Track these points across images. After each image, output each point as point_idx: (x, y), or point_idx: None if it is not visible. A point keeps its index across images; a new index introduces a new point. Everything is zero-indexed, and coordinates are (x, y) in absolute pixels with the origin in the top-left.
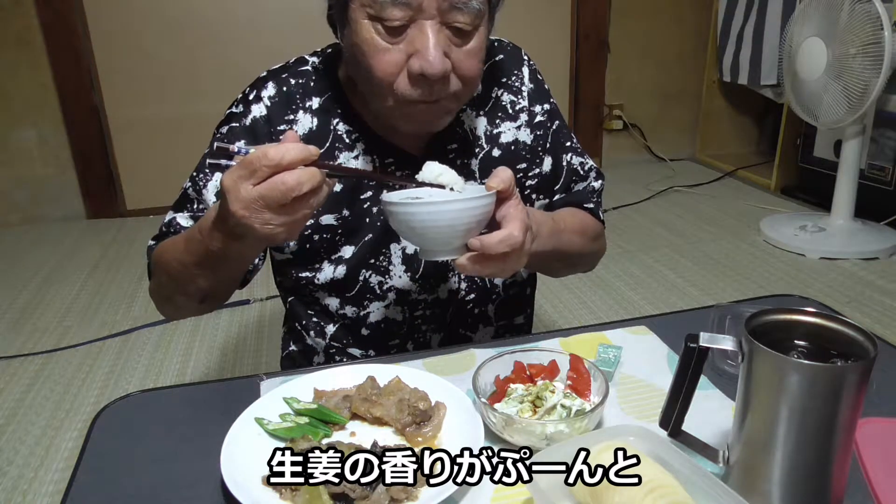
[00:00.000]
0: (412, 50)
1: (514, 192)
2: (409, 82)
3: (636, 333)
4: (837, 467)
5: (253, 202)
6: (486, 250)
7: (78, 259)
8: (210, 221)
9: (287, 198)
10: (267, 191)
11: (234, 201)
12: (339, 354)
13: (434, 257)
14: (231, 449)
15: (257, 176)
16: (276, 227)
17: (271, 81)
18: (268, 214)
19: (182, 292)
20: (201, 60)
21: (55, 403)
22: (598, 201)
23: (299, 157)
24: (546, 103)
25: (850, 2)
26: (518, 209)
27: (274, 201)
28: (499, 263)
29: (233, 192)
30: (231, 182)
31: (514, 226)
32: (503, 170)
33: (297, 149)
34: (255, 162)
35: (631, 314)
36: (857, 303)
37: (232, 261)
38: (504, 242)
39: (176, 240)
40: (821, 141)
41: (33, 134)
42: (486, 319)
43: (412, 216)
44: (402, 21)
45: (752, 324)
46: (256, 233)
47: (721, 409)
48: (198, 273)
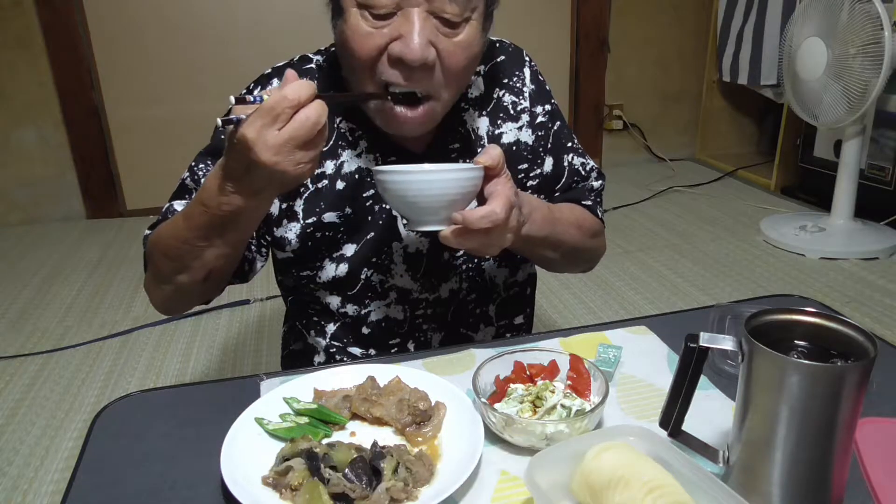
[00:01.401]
0: (396, 35)
1: (502, 170)
2: (389, 65)
3: (636, 333)
4: (837, 467)
5: (283, 145)
6: (468, 224)
7: (78, 259)
8: (216, 188)
9: (314, 132)
10: (296, 130)
11: (262, 150)
12: (339, 353)
13: (419, 227)
14: (231, 449)
15: (282, 119)
16: (305, 165)
17: (276, 78)
18: (299, 154)
19: (184, 269)
20: (201, 60)
21: (55, 403)
22: (598, 200)
23: (312, 92)
24: (547, 104)
25: (850, 2)
26: (505, 187)
27: (303, 139)
28: (481, 238)
29: (259, 141)
30: (255, 133)
31: (498, 203)
32: (493, 147)
33: (306, 86)
34: (276, 106)
35: (631, 314)
36: (857, 303)
37: (243, 221)
38: (486, 218)
39: (173, 220)
40: (821, 141)
41: (33, 134)
42: (486, 319)
43: (401, 184)
44: (388, 9)
45: (752, 324)
46: (287, 176)
47: (721, 409)
48: (203, 245)
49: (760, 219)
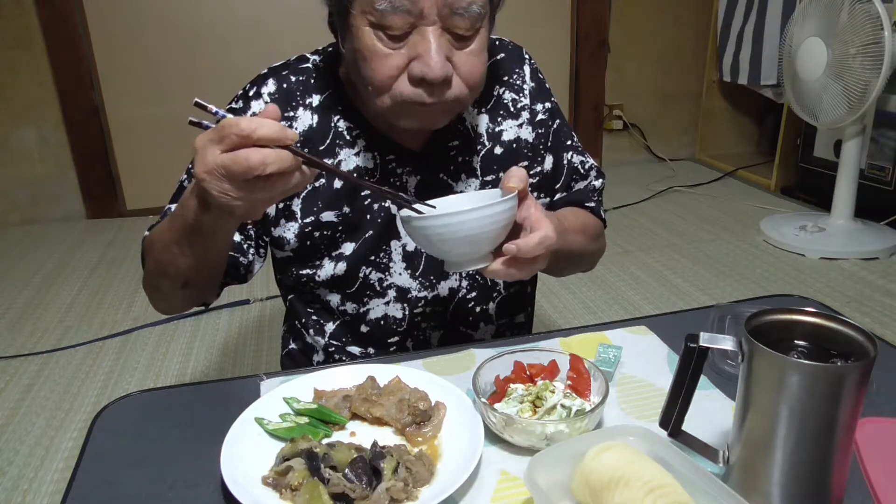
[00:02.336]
0: (414, 54)
1: (528, 190)
2: (411, 85)
3: (636, 333)
4: (837, 467)
5: (215, 168)
6: (525, 254)
7: (78, 259)
8: (189, 191)
9: (248, 174)
10: (230, 162)
11: (199, 163)
12: (338, 353)
13: (461, 268)
14: (231, 449)
15: (225, 143)
16: (232, 199)
17: (272, 78)
18: (226, 185)
19: (165, 275)
20: (201, 60)
21: (55, 403)
22: (599, 200)
23: (271, 135)
24: (547, 102)
25: (850, 2)
26: (540, 209)
27: (235, 174)
28: (533, 265)
29: (200, 153)
30: (202, 143)
31: (547, 226)
32: (518, 169)
33: (271, 126)
34: (226, 128)
35: (631, 314)
36: (857, 303)
37: (205, 235)
38: (542, 244)
39: (163, 222)
40: (821, 141)
41: (33, 134)
42: (486, 317)
43: (449, 226)
44: (403, 29)
45: (752, 324)
46: (213, 199)
47: (721, 409)
48: (177, 252)
49: (760, 219)
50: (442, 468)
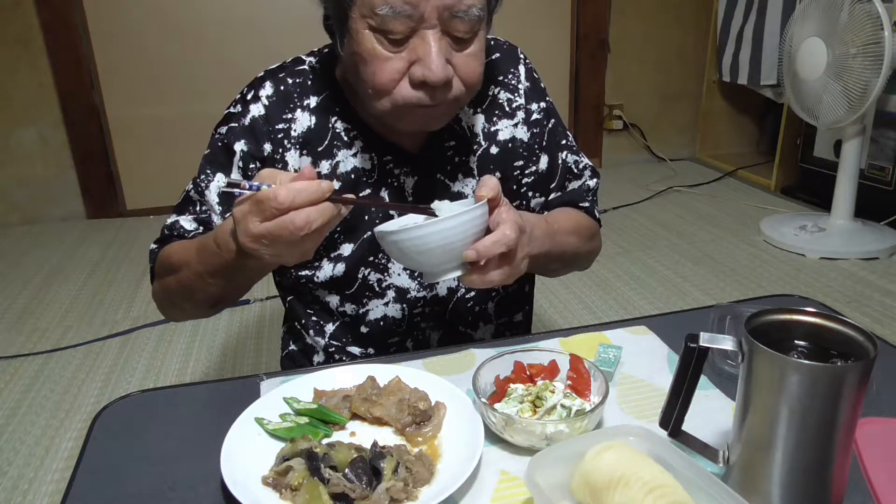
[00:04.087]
0: (414, 58)
1: (501, 198)
2: (412, 88)
3: (636, 333)
4: (837, 467)
5: (260, 237)
6: (483, 255)
7: (78, 259)
8: (227, 234)
9: (296, 237)
10: (275, 229)
11: (241, 234)
12: (338, 353)
13: (438, 278)
14: (231, 449)
15: (265, 215)
16: (286, 257)
17: (269, 81)
18: (274, 249)
19: (191, 298)
20: (201, 60)
21: (55, 403)
22: (594, 200)
23: (310, 199)
24: (542, 101)
25: (850, 2)
26: (509, 213)
27: (282, 239)
28: (502, 268)
29: (241, 224)
30: (241, 215)
31: (506, 226)
32: (489, 178)
33: (307, 193)
34: (264, 202)
35: (631, 314)
36: (857, 303)
37: (250, 271)
38: (499, 242)
39: (185, 246)
40: (821, 141)
41: (33, 134)
42: (485, 317)
43: (418, 239)
44: (404, 33)
45: (752, 324)
46: (265, 261)
47: (721, 409)
48: (212, 283)
49: (760, 219)
50: (442, 468)
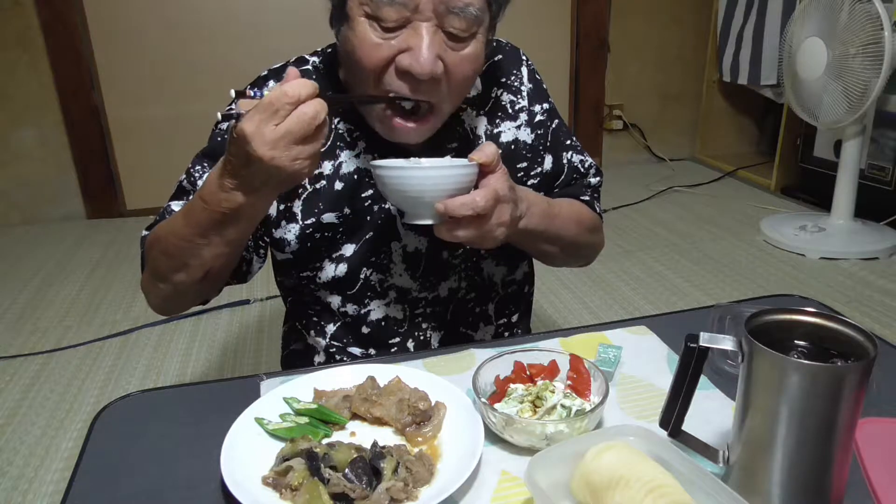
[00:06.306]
0: (405, 47)
1: (497, 166)
2: (397, 77)
3: (636, 333)
4: (837, 467)
5: (280, 140)
6: (449, 212)
7: (78, 259)
8: (215, 184)
9: (311, 127)
10: (293, 125)
11: (260, 145)
12: (339, 353)
13: (415, 220)
14: (231, 449)
15: (280, 114)
16: (303, 161)
17: (272, 80)
18: (296, 149)
19: (182, 268)
20: (201, 60)
21: (55, 403)
22: (596, 196)
23: (312, 91)
24: (545, 102)
25: (850, 2)
26: (497, 181)
27: (300, 134)
28: (471, 229)
29: (257, 136)
30: (253, 127)
31: (479, 192)
32: (488, 144)
33: (306, 85)
34: (275, 102)
35: (631, 314)
36: (857, 303)
37: (243, 219)
38: (465, 206)
39: (172, 218)
40: (821, 141)
41: (33, 134)
42: (486, 318)
43: (398, 178)
44: (397, 22)
45: (752, 324)
46: (284, 172)
47: (721, 409)
48: (202, 243)
49: (760, 219)
50: (442, 468)
